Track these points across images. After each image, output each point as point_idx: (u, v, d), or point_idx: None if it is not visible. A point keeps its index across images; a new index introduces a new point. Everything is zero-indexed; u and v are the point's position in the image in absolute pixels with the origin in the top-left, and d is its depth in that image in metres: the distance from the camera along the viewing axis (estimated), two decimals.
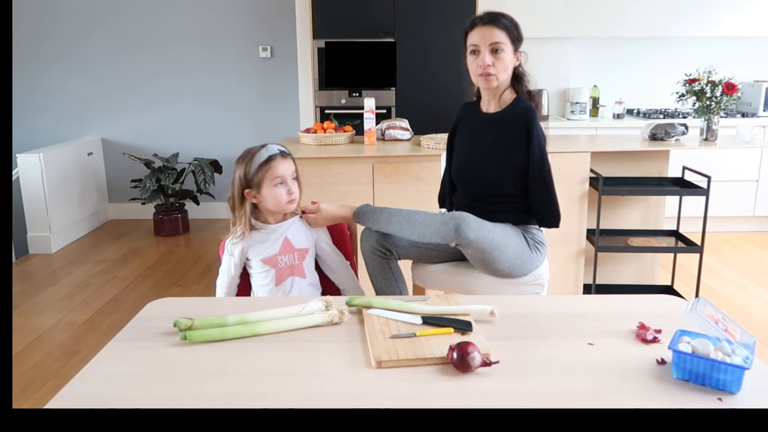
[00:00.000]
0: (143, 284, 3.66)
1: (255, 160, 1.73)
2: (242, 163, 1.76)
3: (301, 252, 1.81)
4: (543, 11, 4.44)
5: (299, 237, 1.82)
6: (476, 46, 1.92)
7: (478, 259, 1.91)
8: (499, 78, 1.94)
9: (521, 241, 1.95)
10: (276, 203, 1.75)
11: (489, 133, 1.99)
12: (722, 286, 3.53)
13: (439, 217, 1.88)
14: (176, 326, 1.31)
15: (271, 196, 1.73)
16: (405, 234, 1.90)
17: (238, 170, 1.76)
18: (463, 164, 2.06)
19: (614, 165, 3.22)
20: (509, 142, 1.94)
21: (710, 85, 3.10)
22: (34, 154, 4.24)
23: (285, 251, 1.79)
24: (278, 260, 1.78)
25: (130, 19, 4.88)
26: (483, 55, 1.91)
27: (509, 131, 1.95)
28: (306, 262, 1.83)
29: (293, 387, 1.11)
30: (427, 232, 1.86)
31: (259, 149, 1.75)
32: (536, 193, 1.96)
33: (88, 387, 1.12)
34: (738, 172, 4.42)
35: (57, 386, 2.47)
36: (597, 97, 4.65)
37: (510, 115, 1.97)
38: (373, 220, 1.93)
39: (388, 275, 1.99)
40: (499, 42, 1.90)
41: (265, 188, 1.73)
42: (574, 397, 1.08)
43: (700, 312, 1.19)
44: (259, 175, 1.72)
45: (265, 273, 1.79)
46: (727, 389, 1.08)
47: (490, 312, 1.39)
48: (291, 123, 4.96)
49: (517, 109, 1.96)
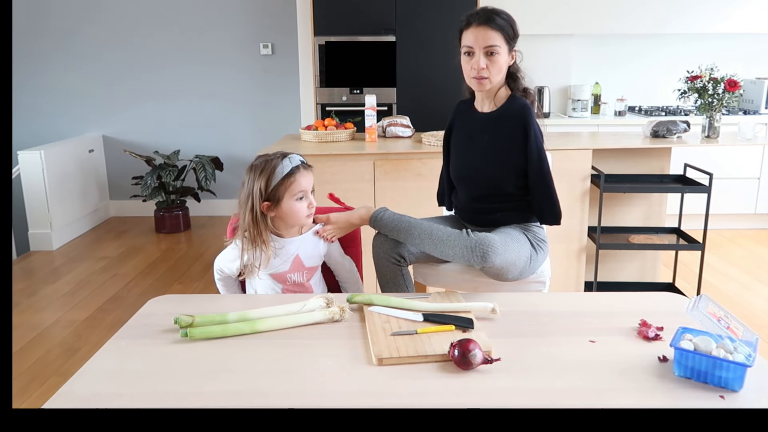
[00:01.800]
0: (144, 281, 3.66)
1: (277, 173, 1.59)
2: (262, 175, 1.60)
3: (310, 270, 1.74)
4: (544, 8, 4.43)
5: (310, 255, 1.73)
6: (470, 48, 1.89)
7: (494, 274, 1.87)
8: (492, 81, 1.91)
9: (529, 247, 1.93)
10: (296, 218, 1.64)
11: (486, 133, 1.97)
12: (724, 284, 3.52)
13: (464, 239, 1.79)
14: (177, 323, 1.30)
15: (292, 210, 1.62)
16: (425, 249, 1.85)
17: (257, 182, 1.60)
18: (463, 166, 2.05)
19: (616, 162, 3.21)
20: (507, 142, 1.93)
21: (712, 82, 3.09)
22: (35, 151, 4.24)
23: (295, 269, 1.70)
24: (287, 278, 1.70)
25: (132, 16, 4.87)
26: (477, 57, 1.88)
27: (506, 131, 1.93)
28: (313, 280, 1.75)
29: (294, 384, 1.11)
30: (451, 253, 1.80)
31: (281, 160, 1.61)
32: (536, 191, 1.94)
33: (89, 384, 1.12)
34: (740, 169, 4.41)
35: (58, 383, 2.47)
36: (598, 94, 4.64)
37: (506, 114, 1.95)
38: (390, 228, 1.87)
39: (399, 282, 1.95)
40: (494, 45, 1.86)
41: (285, 202, 1.61)
42: (575, 394, 1.07)
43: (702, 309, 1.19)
44: (281, 190, 1.59)
45: (271, 284, 1.70)
46: (729, 387, 1.08)
47: (491, 309, 1.39)
48: (292, 120, 4.96)
49: (512, 108, 1.94)
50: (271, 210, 1.63)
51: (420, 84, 4.22)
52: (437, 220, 2.10)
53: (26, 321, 3.12)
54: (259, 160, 1.65)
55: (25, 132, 5.01)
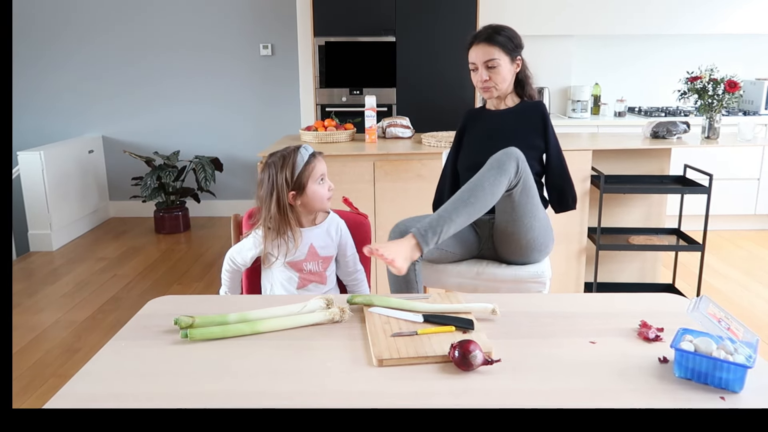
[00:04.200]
0: (144, 282, 3.66)
1: (298, 162, 1.70)
2: (284, 168, 1.70)
3: (325, 260, 1.80)
4: (545, 9, 4.43)
5: (324, 244, 1.80)
6: (474, 65, 2.11)
7: (520, 212, 1.85)
8: (498, 88, 2.11)
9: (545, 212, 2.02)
10: (319, 200, 1.73)
11: (508, 121, 2.12)
12: (724, 285, 3.52)
13: (487, 170, 1.79)
14: (177, 324, 1.30)
15: (316, 194, 1.72)
16: (478, 215, 1.77)
17: (280, 175, 1.70)
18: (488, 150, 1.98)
19: (616, 163, 3.21)
20: (528, 127, 2.09)
21: (712, 83, 3.10)
22: (35, 151, 4.24)
23: (310, 258, 1.78)
24: (303, 266, 1.77)
25: (131, 17, 4.87)
26: (480, 72, 2.10)
27: (527, 118, 2.11)
28: (329, 270, 1.82)
29: (294, 385, 1.11)
30: (494, 191, 1.75)
31: (296, 152, 1.71)
32: (556, 174, 2.10)
33: (89, 385, 1.12)
34: (740, 170, 4.41)
35: (57, 384, 2.47)
36: (598, 95, 4.64)
37: (523, 109, 2.15)
38: (438, 232, 1.74)
39: (410, 277, 1.96)
40: (493, 59, 2.07)
41: (309, 187, 1.71)
42: (575, 395, 1.07)
43: (702, 310, 1.19)
44: (305, 176, 1.70)
45: (287, 273, 1.78)
46: (729, 388, 1.07)
47: (491, 310, 1.39)
48: (292, 121, 4.96)
49: (527, 105, 2.16)
50: (297, 198, 1.72)
51: (420, 85, 4.22)
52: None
53: (26, 321, 3.12)
54: (274, 157, 1.73)
55: (25, 132, 5.01)
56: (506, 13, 4.38)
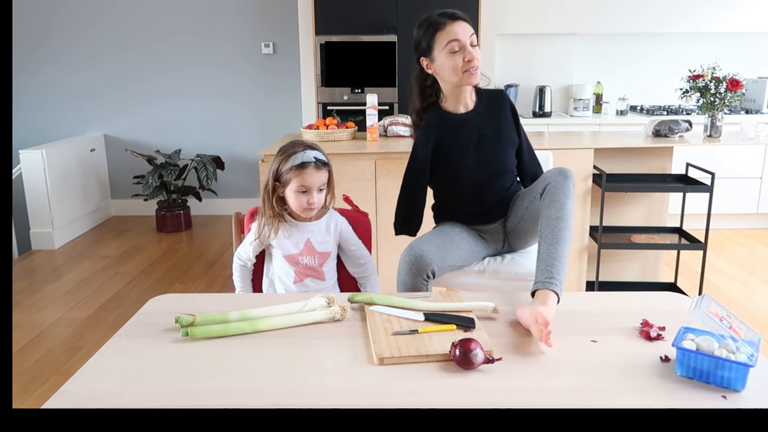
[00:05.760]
0: (145, 280, 3.67)
1: (290, 161, 1.70)
2: (279, 157, 1.74)
3: (322, 255, 1.80)
4: (546, 7, 4.42)
5: (322, 240, 1.80)
6: (460, 42, 1.83)
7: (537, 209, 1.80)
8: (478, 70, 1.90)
9: None
10: (295, 206, 1.74)
11: (482, 128, 1.97)
12: (726, 284, 3.51)
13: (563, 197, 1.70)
14: (178, 322, 1.30)
15: (290, 199, 1.73)
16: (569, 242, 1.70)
17: (274, 162, 1.74)
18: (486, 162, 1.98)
19: (617, 162, 3.21)
20: (504, 124, 2.01)
21: (714, 82, 3.09)
22: (37, 150, 4.24)
23: (307, 253, 1.78)
24: (299, 260, 1.78)
25: (133, 15, 4.87)
26: (467, 50, 1.84)
27: (498, 116, 2.00)
28: (326, 266, 1.81)
29: (295, 383, 1.11)
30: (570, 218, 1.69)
31: (300, 150, 1.72)
32: (529, 158, 2.07)
33: (90, 383, 1.12)
34: (742, 168, 4.40)
35: (59, 382, 2.47)
36: (600, 94, 4.64)
37: (490, 103, 2.00)
38: (562, 275, 1.59)
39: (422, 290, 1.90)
40: (474, 36, 1.88)
41: (289, 190, 1.72)
42: (577, 394, 1.07)
43: (704, 309, 1.19)
44: (287, 176, 1.71)
45: (285, 267, 1.79)
46: (731, 387, 1.07)
47: (492, 309, 1.39)
48: (293, 119, 4.96)
49: (491, 95, 2.03)
50: (280, 190, 1.74)
51: None
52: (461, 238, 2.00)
53: (27, 320, 3.12)
54: (287, 144, 1.77)
55: (26, 131, 5.01)
56: (508, 11, 4.38)
